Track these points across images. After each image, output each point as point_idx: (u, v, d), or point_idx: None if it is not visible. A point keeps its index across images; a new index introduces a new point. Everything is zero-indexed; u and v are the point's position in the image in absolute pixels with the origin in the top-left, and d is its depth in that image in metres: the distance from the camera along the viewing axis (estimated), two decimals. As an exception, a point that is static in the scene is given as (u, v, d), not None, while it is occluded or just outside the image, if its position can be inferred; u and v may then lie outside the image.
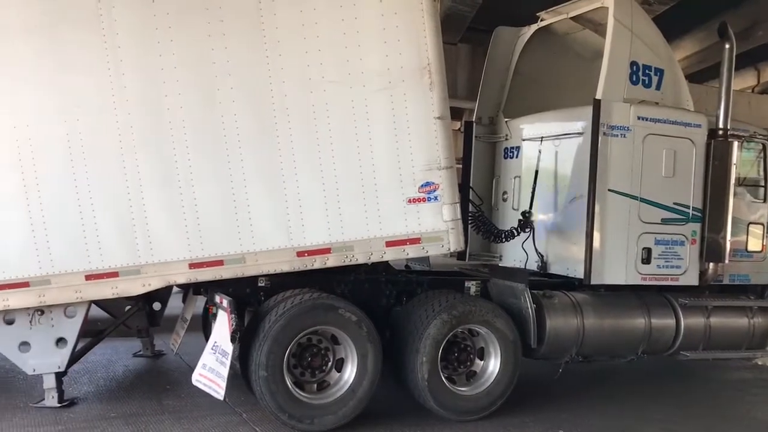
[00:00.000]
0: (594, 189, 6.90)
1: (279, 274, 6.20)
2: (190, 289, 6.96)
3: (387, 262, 6.59)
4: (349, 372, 6.05)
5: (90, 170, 5.88)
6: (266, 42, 5.98)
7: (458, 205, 6.30)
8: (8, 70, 5.80)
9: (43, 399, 6.34)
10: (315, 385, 6.08)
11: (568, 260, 7.32)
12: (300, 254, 6.13)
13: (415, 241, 6.22)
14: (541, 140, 7.66)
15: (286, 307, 5.89)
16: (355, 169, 6.13)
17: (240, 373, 6.10)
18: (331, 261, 6.17)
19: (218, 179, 6.02)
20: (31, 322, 6.14)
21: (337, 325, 6.01)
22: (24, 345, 6.21)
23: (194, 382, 6.07)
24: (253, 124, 6.05)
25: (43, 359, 6.23)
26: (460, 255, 7.69)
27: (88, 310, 6.28)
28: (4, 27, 5.76)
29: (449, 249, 6.31)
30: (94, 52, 5.83)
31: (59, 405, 6.32)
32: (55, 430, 5.86)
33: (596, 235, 6.95)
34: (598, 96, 6.92)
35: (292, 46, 6.01)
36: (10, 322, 6.19)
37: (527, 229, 7.51)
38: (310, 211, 6.11)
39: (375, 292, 6.58)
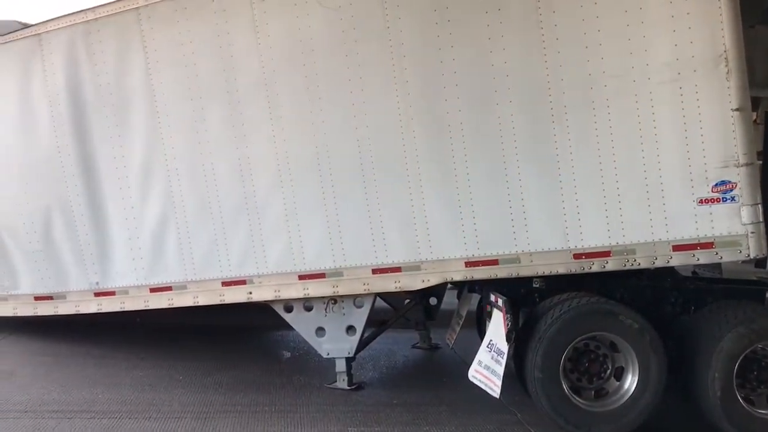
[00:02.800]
0: None
1: (554, 276, 6.09)
2: (465, 287, 7.15)
3: (672, 267, 6.13)
4: (630, 381, 5.75)
5: (377, 174, 6.36)
6: (545, 40, 5.90)
7: (760, 206, 5.63)
8: (311, 85, 6.47)
9: (335, 381, 6.97)
10: (592, 392, 5.87)
11: None
12: (577, 256, 5.96)
13: (707, 245, 5.68)
14: None
15: (562, 310, 5.78)
16: (638, 168, 5.78)
17: (515, 373, 6.13)
18: (611, 265, 5.90)
19: (494, 179, 6.10)
20: (326, 309, 6.86)
21: (617, 332, 5.75)
22: (320, 330, 6.95)
23: (470, 378, 6.22)
24: (530, 124, 6.01)
25: (336, 344, 6.90)
26: (759, 262, 6.88)
27: (374, 301, 6.81)
28: (309, 49, 6.43)
29: (748, 255, 5.66)
30: (382, 62, 6.25)
31: (349, 388, 6.90)
32: (345, 410, 6.39)
33: None
34: None
35: (572, 43, 5.85)
36: (308, 309, 6.99)
37: None
38: (588, 212, 5.91)
39: (658, 299, 6.15)
